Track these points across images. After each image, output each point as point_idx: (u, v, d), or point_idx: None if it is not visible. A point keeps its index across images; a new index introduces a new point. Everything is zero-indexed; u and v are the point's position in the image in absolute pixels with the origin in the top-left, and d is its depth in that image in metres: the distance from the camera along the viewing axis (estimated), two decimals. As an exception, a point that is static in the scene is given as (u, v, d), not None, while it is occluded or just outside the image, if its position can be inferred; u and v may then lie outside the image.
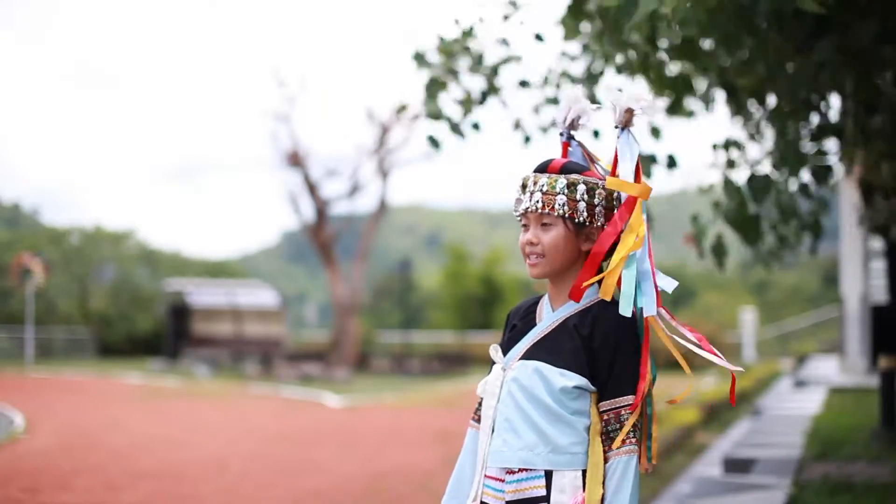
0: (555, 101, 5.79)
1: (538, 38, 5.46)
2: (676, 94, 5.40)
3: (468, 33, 5.49)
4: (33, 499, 7.18)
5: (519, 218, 2.34)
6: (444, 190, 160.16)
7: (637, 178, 2.30)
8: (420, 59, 5.51)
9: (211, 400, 16.48)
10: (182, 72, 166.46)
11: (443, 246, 42.89)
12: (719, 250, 5.31)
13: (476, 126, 5.76)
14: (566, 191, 2.26)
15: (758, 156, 5.96)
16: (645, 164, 5.10)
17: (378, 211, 28.97)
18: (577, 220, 2.26)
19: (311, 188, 28.08)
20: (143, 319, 33.73)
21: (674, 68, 5.39)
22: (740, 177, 5.37)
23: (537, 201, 2.27)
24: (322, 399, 17.02)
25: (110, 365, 27.20)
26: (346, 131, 70.85)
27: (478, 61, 5.55)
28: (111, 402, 15.68)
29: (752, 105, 5.72)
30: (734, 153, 5.55)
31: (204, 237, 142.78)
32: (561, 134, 2.42)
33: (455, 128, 5.67)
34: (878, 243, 16.24)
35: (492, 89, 5.63)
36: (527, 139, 5.81)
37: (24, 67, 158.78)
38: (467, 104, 5.62)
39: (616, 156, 2.33)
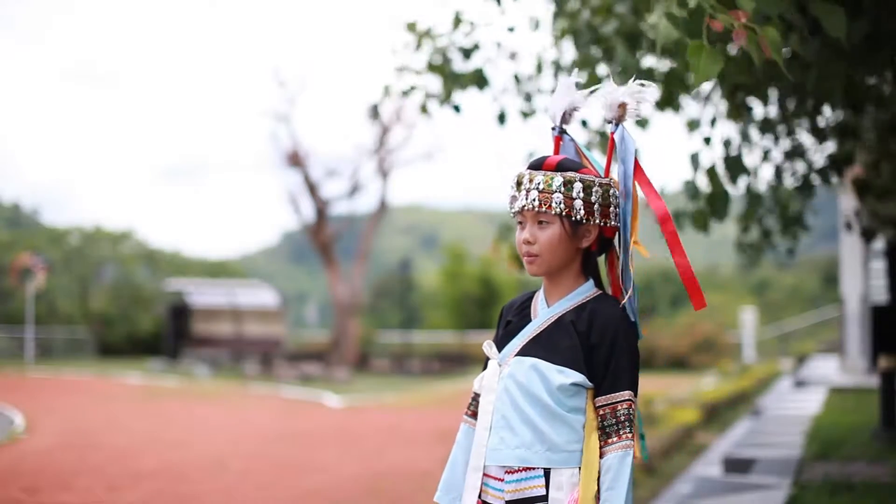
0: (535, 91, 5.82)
1: (510, 29, 5.52)
2: (668, 87, 5.40)
3: (457, 24, 5.51)
4: (33, 499, 7.18)
5: (514, 215, 2.33)
6: (444, 190, 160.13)
7: (637, 174, 2.30)
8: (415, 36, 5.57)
9: (211, 400, 16.48)
10: (182, 72, 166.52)
11: (443, 246, 42.86)
12: (701, 220, 5.32)
13: (457, 108, 5.77)
14: (563, 189, 2.24)
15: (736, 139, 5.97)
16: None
17: (378, 211, 28.96)
18: (574, 219, 2.25)
19: (311, 188, 28.07)
20: (144, 319, 33.71)
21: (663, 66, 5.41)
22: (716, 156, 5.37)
23: (534, 199, 2.25)
24: (322, 399, 17.02)
25: (110, 365, 27.19)
26: (346, 131, 70.90)
27: (466, 54, 5.58)
28: (111, 402, 15.68)
29: (752, 103, 5.73)
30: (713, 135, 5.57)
31: (204, 237, 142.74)
32: (553, 129, 2.40)
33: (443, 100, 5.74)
34: (878, 243, 16.25)
35: (481, 80, 5.63)
36: (501, 117, 5.81)
37: (24, 67, 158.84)
38: (448, 88, 5.64)
39: (610, 152, 2.32)
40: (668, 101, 5.42)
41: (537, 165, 2.31)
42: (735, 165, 5.04)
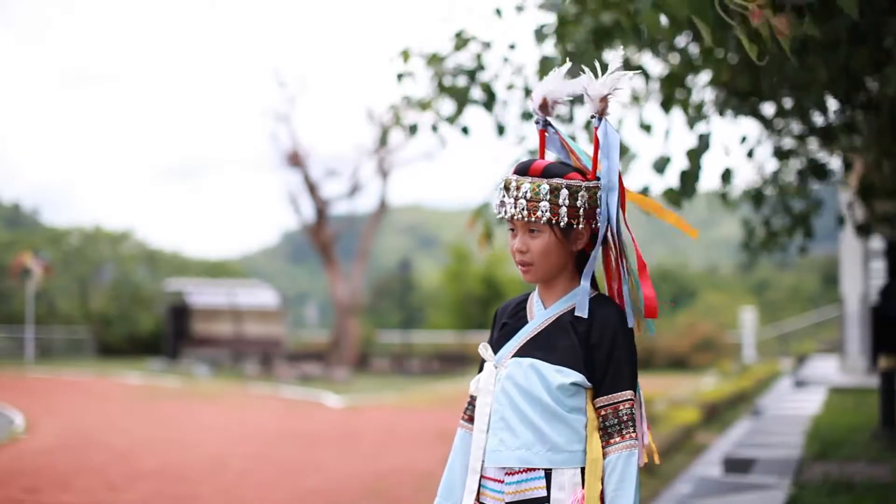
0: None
1: (511, 47, 5.55)
2: (668, 89, 5.40)
3: (461, 44, 5.53)
4: (33, 499, 7.18)
5: (503, 220, 2.33)
6: (443, 190, 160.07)
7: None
8: (400, 77, 5.66)
9: (211, 400, 16.47)
10: (182, 71, 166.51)
11: (443, 246, 42.84)
12: (673, 197, 5.36)
13: (465, 130, 5.83)
14: (549, 196, 2.23)
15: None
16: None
17: (378, 211, 28.95)
18: (562, 226, 2.25)
19: (311, 188, 28.06)
20: (143, 319, 33.70)
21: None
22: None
23: (522, 209, 2.24)
24: (322, 399, 17.02)
25: (110, 365, 27.19)
26: (346, 131, 70.94)
27: (471, 76, 5.61)
28: (111, 402, 15.68)
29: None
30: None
31: (204, 237, 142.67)
32: (537, 122, 2.38)
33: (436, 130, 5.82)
34: (878, 243, 16.25)
35: (490, 98, 5.67)
36: (500, 129, 5.83)
37: (24, 67, 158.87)
38: (459, 108, 5.68)
39: (596, 147, 2.31)
40: (670, 102, 5.43)
41: (524, 170, 2.29)
42: (703, 143, 5.06)
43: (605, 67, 2.27)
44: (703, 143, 5.02)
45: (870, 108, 5.33)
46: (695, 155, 5.02)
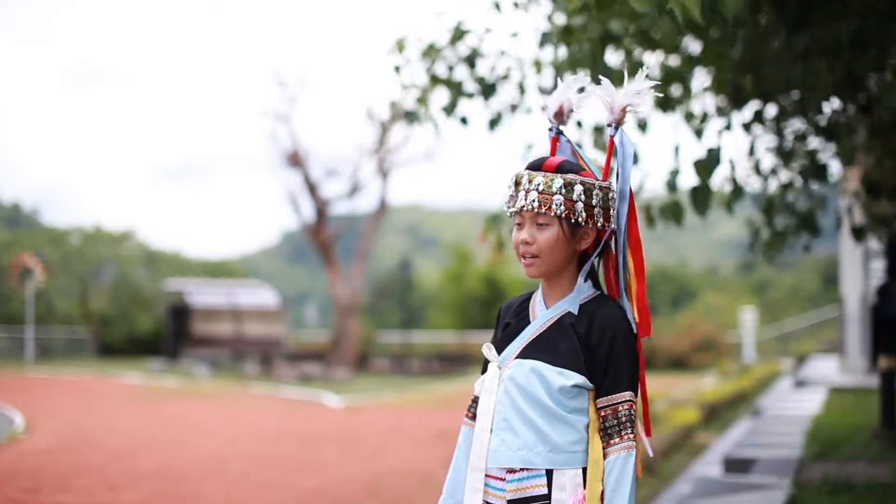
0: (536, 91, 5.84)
1: (514, 35, 5.55)
2: (665, 87, 5.41)
3: (458, 36, 5.54)
4: (33, 499, 7.18)
5: (511, 215, 2.33)
6: (444, 190, 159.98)
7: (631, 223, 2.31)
8: (398, 69, 5.68)
9: (211, 400, 16.48)
10: (182, 72, 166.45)
11: (443, 246, 42.83)
12: (676, 211, 5.38)
13: (464, 120, 5.82)
14: (563, 191, 2.23)
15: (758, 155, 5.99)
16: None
17: (378, 211, 28.95)
18: (573, 221, 2.25)
19: (311, 188, 28.06)
20: (143, 319, 33.70)
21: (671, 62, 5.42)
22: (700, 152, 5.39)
23: (533, 200, 2.24)
24: (322, 399, 17.02)
25: (110, 365, 27.19)
26: (346, 131, 71.00)
27: (470, 63, 5.61)
28: (111, 402, 15.68)
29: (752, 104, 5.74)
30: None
31: (204, 237, 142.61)
32: (550, 129, 2.39)
33: (436, 125, 5.83)
34: (878, 243, 16.24)
35: (490, 89, 5.68)
36: (493, 123, 5.84)
37: (24, 67, 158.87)
38: (454, 99, 5.69)
39: (609, 155, 2.32)
40: (666, 102, 5.43)
41: (537, 166, 2.30)
42: (713, 157, 5.05)
43: (613, 72, 2.29)
44: (713, 157, 5.00)
45: (869, 109, 5.32)
46: (704, 168, 4.99)
